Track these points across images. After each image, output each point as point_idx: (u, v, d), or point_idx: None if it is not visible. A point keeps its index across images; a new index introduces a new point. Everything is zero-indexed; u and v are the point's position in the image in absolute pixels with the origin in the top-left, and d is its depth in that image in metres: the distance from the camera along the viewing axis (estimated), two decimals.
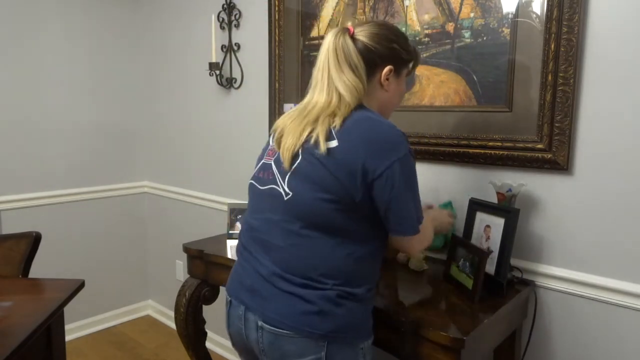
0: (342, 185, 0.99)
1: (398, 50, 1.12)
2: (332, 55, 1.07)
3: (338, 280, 1.03)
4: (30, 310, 1.27)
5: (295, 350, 1.02)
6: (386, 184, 0.99)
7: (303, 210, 1.03)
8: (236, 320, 1.12)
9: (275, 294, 1.04)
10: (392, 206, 1.02)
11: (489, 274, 1.31)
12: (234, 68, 2.30)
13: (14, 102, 2.40)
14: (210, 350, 1.83)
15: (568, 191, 1.36)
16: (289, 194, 1.04)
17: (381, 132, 1.02)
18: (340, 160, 0.99)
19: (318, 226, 1.02)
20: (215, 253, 1.65)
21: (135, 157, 2.94)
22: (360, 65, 1.07)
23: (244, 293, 1.11)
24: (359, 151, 0.99)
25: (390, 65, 1.11)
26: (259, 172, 1.15)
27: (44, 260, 2.07)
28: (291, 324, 1.02)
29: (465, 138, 1.53)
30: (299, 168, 1.03)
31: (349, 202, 1.01)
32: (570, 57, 1.29)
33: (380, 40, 1.09)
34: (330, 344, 1.02)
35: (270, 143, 1.16)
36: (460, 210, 1.52)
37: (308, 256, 1.03)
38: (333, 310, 1.02)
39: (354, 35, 1.09)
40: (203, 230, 2.42)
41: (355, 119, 1.03)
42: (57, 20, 2.51)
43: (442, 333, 1.09)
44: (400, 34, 1.16)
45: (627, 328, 1.29)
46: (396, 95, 1.18)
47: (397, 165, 0.99)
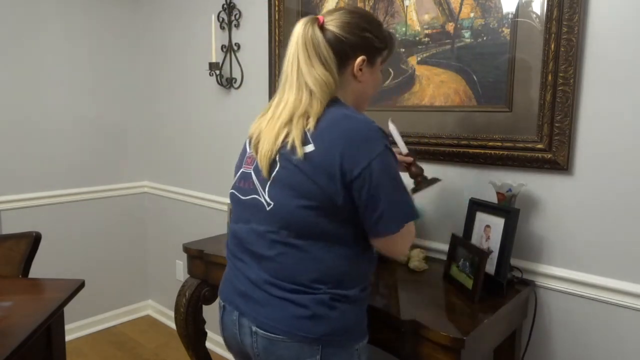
0: (322, 190, 0.97)
1: (371, 38, 1.07)
2: (302, 48, 1.03)
3: (329, 284, 1.01)
4: (30, 310, 1.27)
5: (289, 354, 1.02)
6: (365, 184, 0.96)
7: (286, 219, 1.01)
8: (230, 325, 1.11)
9: (268, 300, 1.03)
10: (371, 206, 0.98)
11: (489, 274, 1.31)
12: (234, 68, 2.30)
13: (14, 102, 2.40)
14: (210, 350, 1.83)
15: (568, 191, 1.36)
16: (270, 204, 1.02)
17: (356, 131, 0.98)
18: (317, 165, 0.97)
19: (303, 233, 1.00)
20: (215, 253, 1.65)
21: (136, 157, 2.94)
22: (329, 57, 1.02)
23: (237, 298, 1.09)
24: (335, 153, 0.96)
25: (363, 56, 1.06)
26: (239, 181, 1.12)
27: (44, 260, 2.07)
28: (284, 329, 1.01)
29: (465, 138, 1.53)
30: (277, 176, 1.01)
31: (330, 206, 0.98)
32: (570, 57, 1.29)
33: (351, 30, 1.04)
34: (325, 347, 1.01)
35: (248, 150, 1.13)
36: (460, 210, 1.52)
37: (297, 264, 1.02)
38: (327, 313, 1.01)
39: (324, 25, 1.04)
40: (203, 230, 2.42)
41: (330, 118, 0.99)
42: (57, 20, 2.51)
43: (442, 333, 1.08)
44: (372, 21, 1.10)
45: (627, 328, 1.29)
46: (371, 86, 1.13)
47: (375, 164, 0.96)
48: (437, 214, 1.64)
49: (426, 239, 1.67)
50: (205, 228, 2.47)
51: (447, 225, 1.60)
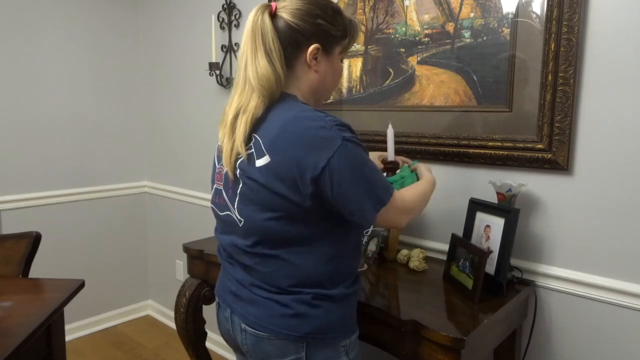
0: (286, 199, 0.95)
1: (325, 25, 1.01)
2: (250, 37, 0.98)
3: (311, 287, 1.01)
4: (30, 310, 1.27)
5: (275, 351, 1.03)
6: (328, 182, 0.92)
7: (258, 233, 1.00)
8: (224, 322, 1.14)
9: (254, 299, 1.05)
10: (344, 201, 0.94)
11: (489, 274, 1.31)
12: (234, 68, 2.30)
13: (14, 102, 2.40)
14: (210, 350, 1.83)
15: (568, 191, 1.36)
16: (241, 220, 1.03)
17: (309, 133, 0.93)
18: (276, 176, 0.94)
19: (277, 244, 1.00)
20: (215, 253, 1.64)
21: (135, 157, 2.94)
22: (275, 48, 0.97)
23: (229, 297, 1.12)
24: (292, 161, 0.92)
25: (316, 44, 1.01)
26: (215, 197, 1.12)
27: (44, 260, 2.07)
28: (269, 327, 1.02)
29: (465, 138, 1.53)
30: (242, 192, 1.01)
31: (298, 212, 0.96)
32: (570, 57, 1.29)
33: (303, 16, 0.99)
34: (309, 344, 1.02)
35: (216, 164, 1.13)
36: (460, 210, 1.52)
37: (276, 272, 1.02)
38: (309, 312, 1.01)
39: (276, 12, 0.99)
40: (203, 230, 2.42)
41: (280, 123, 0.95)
42: (58, 20, 2.51)
43: (442, 333, 1.08)
44: (327, 8, 1.02)
45: (627, 328, 1.29)
46: (329, 76, 1.07)
47: (333, 161, 0.91)
48: (437, 214, 1.64)
49: (426, 239, 1.67)
50: (205, 228, 2.47)
51: (447, 225, 1.60)
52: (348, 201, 0.95)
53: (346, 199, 0.94)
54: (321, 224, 0.99)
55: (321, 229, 1.00)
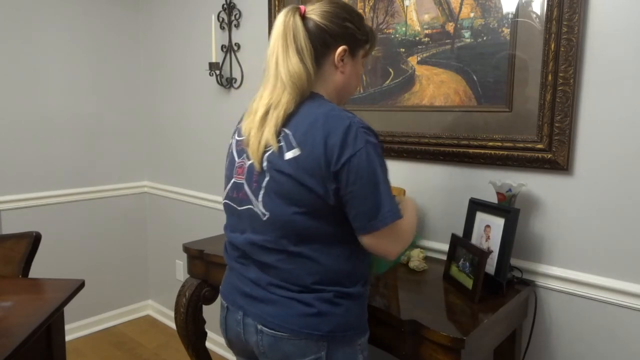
0: (313, 193, 0.96)
1: (352, 29, 1.06)
2: (282, 37, 1.01)
3: (332, 284, 1.02)
4: (30, 310, 1.27)
5: (295, 351, 1.03)
6: (345, 179, 0.95)
7: (283, 227, 1.00)
8: (234, 325, 1.12)
9: (272, 299, 1.04)
10: (353, 201, 0.96)
11: (489, 274, 1.31)
12: (234, 68, 2.30)
13: (14, 102, 2.40)
14: (210, 350, 1.83)
15: (568, 191, 1.36)
16: (265, 214, 1.02)
17: (338, 130, 0.95)
18: (304, 169, 0.96)
19: (301, 239, 1.01)
20: (215, 253, 1.65)
21: (136, 157, 2.94)
22: (307, 48, 1.00)
23: (241, 299, 1.10)
24: (319, 153, 0.95)
25: (344, 45, 1.05)
26: (233, 191, 1.10)
27: (44, 260, 2.07)
28: (290, 327, 1.02)
29: (465, 138, 1.53)
30: (268, 186, 1.01)
31: (323, 208, 0.98)
32: (570, 57, 1.29)
33: (332, 18, 1.03)
34: (330, 343, 1.02)
35: (236, 158, 1.11)
36: (460, 210, 1.52)
37: (297, 269, 1.02)
38: (332, 310, 1.02)
39: (305, 14, 1.03)
40: (203, 230, 2.42)
41: (311, 118, 0.98)
42: (58, 20, 2.51)
43: (443, 333, 1.08)
44: (353, 12, 1.09)
45: (627, 328, 1.29)
46: (353, 77, 1.11)
47: (354, 159, 0.94)
48: (437, 214, 1.64)
49: (426, 239, 1.67)
50: (205, 228, 2.47)
51: (447, 225, 1.60)
52: (357, 202, 0.96)
53: (356, 200, 0.96)
54: (344, 223, 1.01)
55: (343, 227, 1.01)
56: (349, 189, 0.95)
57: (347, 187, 0.95)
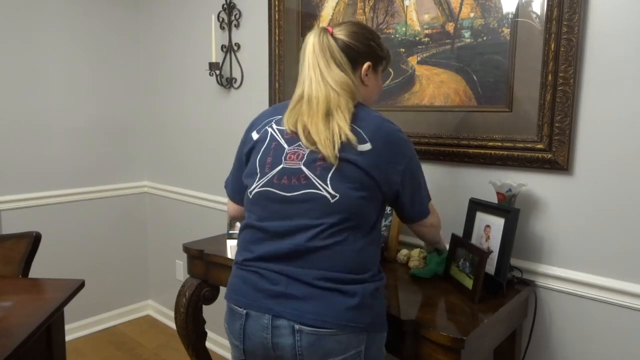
0: (374, 182, 1.07)
1: (374, 47, 1.19)
2: (320, 54, 1.12)
3: (372, 271, 1.08)
4: (30, 310, 1.27)
5: (338, 347, 1.01)
6: (409, 178, 1.12)
7: (351, 210, 1.05)
8: (259, 332, 1.05)
9: (313, 294, 1.02)
10: (414, 197, 1.16)
11: (489, 274, 1.31)
12: (234, 68, 2.30)
13: (14, 102, 2.40)
14: (210, 350, 1.83)
15: (568, 191, 1.36)
16: (335, 196, 1.04)
17: (396, 132, 1.12)
18: (374, 161, 1.07)
19: (359, 224, 1.07)
20: (215, 253, 1.65)
21: (136, 157, 2.94)
22: (344, 61, 1.13)
23: (269, 301, 1.04)
24: (387, 152, 1.08)
25: (369, 62, 1.18)
26: (278, 177, 1.08)
27: (44, 260, 2.07)
28: (335, 322, 1.01)
29: (465, 138, 1.53)
30: (339, 170, 1.05)
31: (377, 196, 1.10)
32: (570, 57, 1.29)
33: (359, 38, 1.16)
34: (369, 335, 1.05)
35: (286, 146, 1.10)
36: (460, 210, 1.52)
37: (350, 251, 1.05)
38: (371, 302, 1.05)
39: (334, 34, 1.15)
40: (203, 230, 2.42)
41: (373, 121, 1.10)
42: (58, 21, 2.51)
43: (443, 333, 1.09)
44: (374, 33, 1.23)
45: (627, 328, 1.29)
46: (375, 91, 1.25)
47: (412, 160, 1.13)
48: None
49: None
50: (205, 228, 2.47)
51: (447, 225, 1.59)
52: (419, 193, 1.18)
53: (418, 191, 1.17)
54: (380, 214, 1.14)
55: (379, 218, 1.13)
56: (408, 183, 1.13)
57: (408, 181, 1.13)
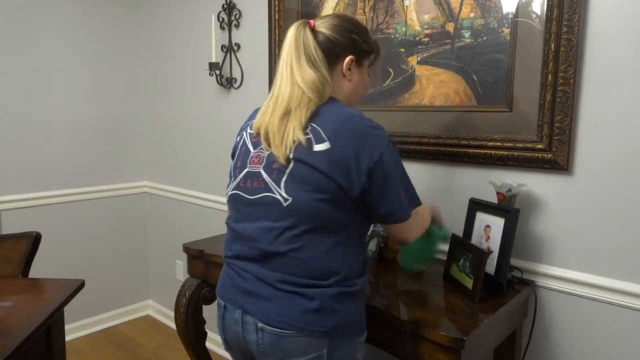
0: (337, 184, 1.01)
1: (358, 40, 1.15)
2: (294, 49, 1.09)
3: (339, 276, 1.05)
4: (30, 310, 1.27)
5: (297, 348, 1.03)
6: (379, 176, 1.03)
7: (305, 213, 1.03)
8: (232, 325, 1.12)
9: (276, 295, 1.04)
10: (385, 196, 1.05)
11: (489, 274, 1.31)
12: (234, 68, 2.30)
13: (14, 102, 2.40)
14: (210, 350, 1.83)
15: (568, 191, 1.36)
16: (288, 199, 1.03)
17: (365, 128, 1.05)
18: (333, 162, 1.01)
19: (318, 227, 1.03)
20: (215, 253, 1.65)
21: (136, 157, 2.94)
22: (318, 57, 1.08)
23: (240, 296, 1.10)
24: (349, 150, 1.02)
25: (351, 55, 1.13)
26: (244, 181, 1.12)
27: (44, 260, 2.07)
28: (294, 324, 1.02)
29: (465, 138, 1.53)
30: (292, 172, 1.04)
31: (344, 198, 1.03)
32: (570, 57, 1.29)
33: (340, 31, 1.12)
34: (332, 340, 1.04)
35: (252, 149, 1.14)
36: (460, 210, 1.52)
37: (309, 257, 1.03)
38: (333, 307, 1.03)
39: (315, 27, 1.11)
40: (203, 230, 2.42)
41: (337, 117, 1.05)
42: (58, 21, 2.51)
43: (442, 333, 1.09)
44: (359, 26, 1.18)
45: (627, 328, 1.29)
46: (360, 86, 1.20)
47: (385, 155, 1.03)
48: None
49: None
50: (205, 228, 2.47)
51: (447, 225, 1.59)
52: (390, 193, 1.05)
53: (390, 191, 1.05)
54: (353, 214, 1.06)
55: (355, 220, 1.08)
56: (384, 182, 1.04)
57: (381, 180, 1.03)
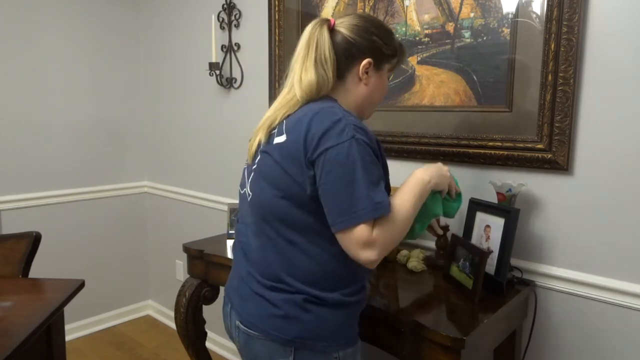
0: (292, 179, 0.97)
1: (378, 43, 1.07)
2: (305, 47, 1.05)
3: (306, 283, 0.99)
4: (30, 310, 1.27)
5: (264, 352, 1.03)
6: (319, 170, 0.93)
7: (264, 209, 1.03)
8: (226, 317, 1.17)
9: (251, 296, 1.06)
10: (326, 194, 0.93)
11: (489, 274, 1.31)
12: (234, 68, 2.30)
13: (15, 102, 2.40)
14: (210, 350, 1.83)
15: (568, 191, 1.36)
16: (250, 195, 1.07)
17: (323, 121, 0.95)
18: (286, 154, 0.98)
19: (281, 226, 1.00)
20: (215, 253, 1.65)
21: (136, 157, 2.94)
22: (330, 59, 1.03)
23: (232, 292, 1.14)
24: (300, 140, 0.96)
25: (369, 58, 1.06)
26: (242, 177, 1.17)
27: (44, 260, 2.07)
28: (260, 326, 1.03)
29: (465, 138, 1.53)
30: (257, 169, 1.06)
31: (301, 196, 0.97)
32: (570, 57, 1.29)
33: (360, 32, 1.06)
34: (298, 350, 1.00)
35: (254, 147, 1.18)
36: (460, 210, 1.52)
37: (277, 258, 1.02)
38: (299, 315, 1.00)
39: (334, 27, 1.06)
40: (203, 230, 2.42)
41: (304, 111, 1.00)
42: (58, 21, 2.51)
43: (442, 333, 1.08)
44: (382, 27, 1.10)
45: (627, 328, 1.29)
46: (377, 90, 1.12)
47: (331, 151, 0.92)
48: None
49: (426, 239, 1.67)
50: (205, 228, 2.47)
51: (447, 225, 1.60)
52: (329, 196, 0.93)
53: (328, 193, 0.93)
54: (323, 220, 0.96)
55: (321, 224, 0.97)
56: (322, 180, 0.93)
57: (320, 178, 0.93)
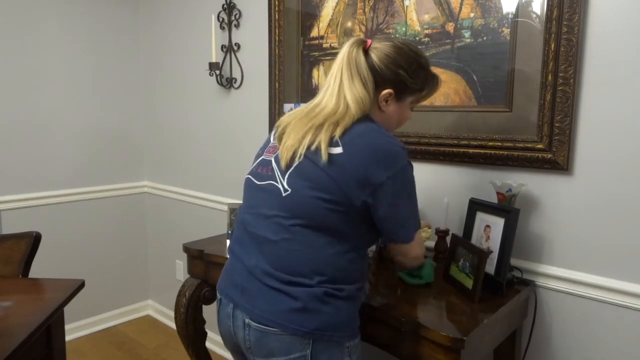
0: (341, 189, 1.02)
1: (403, 77, 1.11)
2: (346, 65, 1.09)
3: (325, 277, 1.04)
4: (30, 310, 1.27)
5: (281, 347, 1.03)
6: (387, 193, 1.03)
7: (300, 207, 1.04)
8: (225, 318, 1.14)
9: (263, 291, 1.05)
10: (391, 215, 1.06)
11: (489, 274, 1.31)
12: (234, 68, 2.30)
13: (14, 103, 2.40)
14: (210, 350, 1.83)
15: (568, 191, 1.36)
16: (287, 190, 1.05)
17: (384, 144, 1.05)
18: (343, 167, 1.02)
19: (312, 224, 1.04)
20: (215, 253, 1.65)
21: (136, 157, 2.94)
22: (369, 79, 1.09)
23: (233, 291, 1.12)
24: (361, 160, 1.02)
25: (390, 89, 1.11)
26: (258, 167, 1.16)
27: (44, 260, 2.07)
28: (277, 321, 1.03)
29: (465, 138, 1.53)
30: (299, 167, 1.05)
31: (347, 206, 1.03)
32: (570, 57, 1.29)
33: (387, 63, 1.10)
34: (316, 342, 1.03)
35: (271, 140, 1.17)
36: (460, 210, 1.53)
37: (298, 251, 1.04)
38: (319, 307, 1.03)
39: (369, 50, 1.11)
40: (203, 230, 2.42)
41: (360, 129, 1.05)
42: (58, 21, 2.51)
43: (442, 333, 1.08)
44: (413, 62, 1.13)
45: (627, 328, 1.29)
46: (394, 119, 1.17)
47: (398, 175, 1.03)
48: (437, 214, 1.64)
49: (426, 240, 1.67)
50: (205, 228, 2.47)
51: (448, 225, 1.59)
52: (397, 214, 1.07)
53: (396, 211, 1.07)
54: (358, 226, 1.07)
55: (356, 230, 1.07)
56: (390, 201, 1.04)
57: (387, 198, 1.04)
